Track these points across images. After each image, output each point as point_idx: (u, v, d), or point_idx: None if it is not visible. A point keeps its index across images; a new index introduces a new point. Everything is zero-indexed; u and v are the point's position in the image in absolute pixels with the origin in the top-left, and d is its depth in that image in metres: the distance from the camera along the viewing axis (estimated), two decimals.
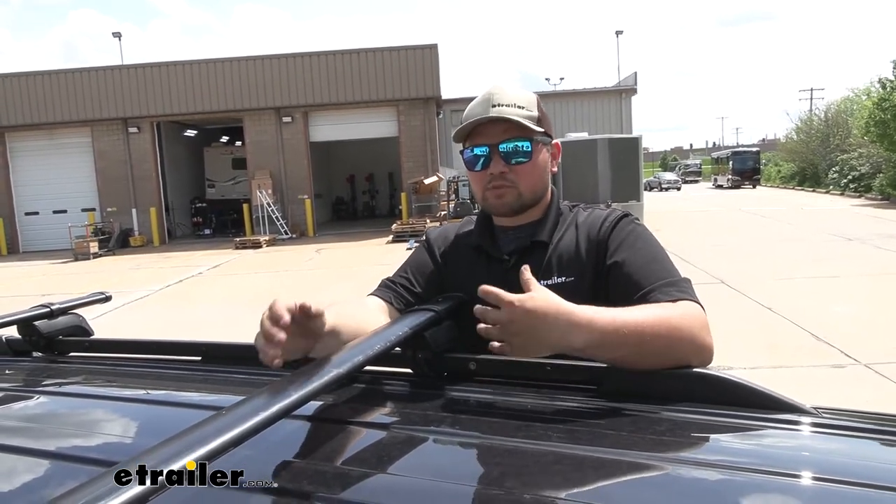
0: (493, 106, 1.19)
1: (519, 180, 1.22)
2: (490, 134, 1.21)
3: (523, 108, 1.20)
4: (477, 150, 1.22)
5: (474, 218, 1.37)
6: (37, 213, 19.92)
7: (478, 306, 0.93)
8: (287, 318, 0.86)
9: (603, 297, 1.15)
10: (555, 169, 1.30)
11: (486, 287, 0.92)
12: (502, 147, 1.20)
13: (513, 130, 1.20)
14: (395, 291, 1.26)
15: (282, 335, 0.85)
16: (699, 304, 1.05)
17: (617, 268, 1.14)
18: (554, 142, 1.30)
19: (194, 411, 0.96)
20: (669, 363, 0.93)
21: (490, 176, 1.22)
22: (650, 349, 0.93)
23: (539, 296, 0.92)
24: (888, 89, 21.53)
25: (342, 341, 1.01)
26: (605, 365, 0.94)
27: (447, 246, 1.33)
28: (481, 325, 0.92)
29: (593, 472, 0.72)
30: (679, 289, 1.07)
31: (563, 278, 1.19)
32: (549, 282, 1.19)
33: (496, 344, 0.92)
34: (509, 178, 1.21)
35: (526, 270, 0.95)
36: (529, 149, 1.21)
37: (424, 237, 1.40)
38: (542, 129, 1.23)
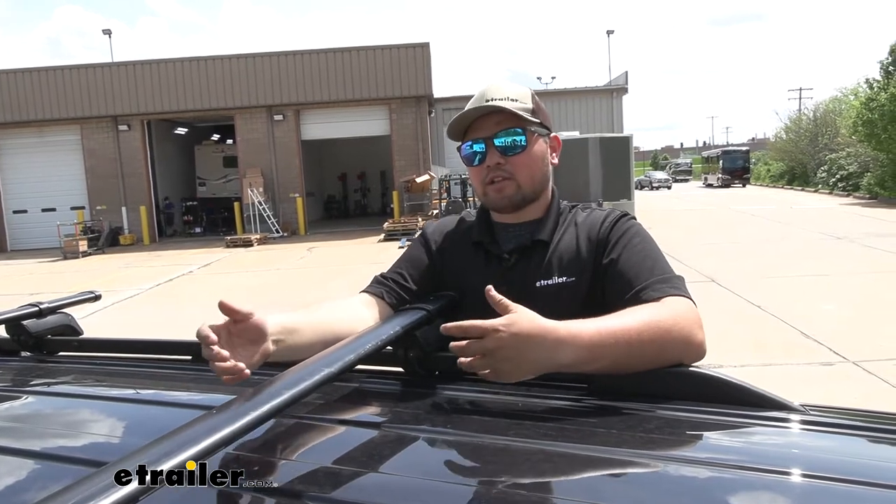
0: (488, 100, 1.20)
1: (516, 171, 1.22)
2: (484, 128, 1.21)
3: (517, 100, 1.21)
4: (473, 146, 1.23)
5: (473, 212, 1.36)
6: (25, 212, 19.75)
7: (453, 343, 0.89)
8: (213, 336, 0.85)
9: (599, 296, 1.16)
10: (555, 161, 1.30)
11: (455, 324, 0.89)
12: (497, 139, 1.20)
13: (506, 122, 1.20)
14: (387, 286, 1.26)
15: (221, 353, 0.85)
16: (691, 300, 1.06)
17: (613, 265, 1.15)
18: (553, 135, 1.30)
19: (185, 411, 0.95)
20: (661, 364, 0.94)
21: (487, 169, 1.22)
22: (639, 355, 0.93)
23: (523, 317, 0.89)
24: (875, 89, 21.70)
25: (306, 338, 1.00)
26: None
27: (445, 241, 1.33)
28: (463, 360, 0.88)
29: (584, 469, 0.72)
30: (671, 285, 1.07)
31: (564, 278, 1.19)
32: (550, 282, 1.19)
33: (484, 371, 0.88)
34: (506, 170, 1.21)
35: (493, 291, 0.91)
36: (524, 139, 1.21)
37: (421, 231, 1.39)
38: (537, 120, 1.23)
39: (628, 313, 0.99)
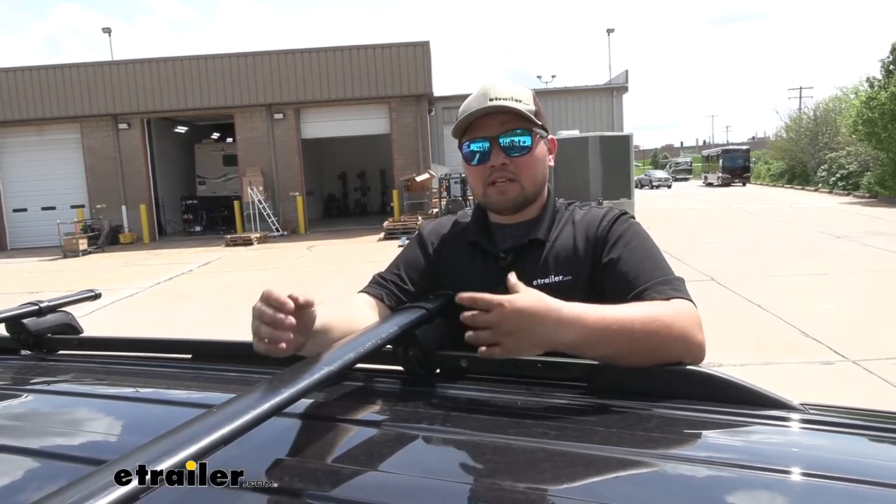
0: (491, 99, 1.18)
1: (520, 173, 1.21)
2: (489, 127, 1.20)
3: (521, 101, 1.20)
4: (475, 145, 1.21)
5: (469, 212, 1.36)
6: (25, 210, 19.74)
7: (465, 313, 0.92)
8: (291, 304, 0.87)
9: (598, 295, 1.15)
10: (552, 163, 1.30)
11: (468, 294, 0.91)
12: (502, 140, 1.19)
13: (512, 123, 1.19)
14: (387, 289, 1.25)
15: (291, 320, 0.87)
16: (692, 302, 1.06)
17: (612, 265, 1.15)
18: (550, 137, 1.29)
19: (185, 409, 0.95)
20: (660, 360, 0.94)
21: (490, 169, 1.21)
22: (640, 346, 0.94)
23: (527, 294, 0.92)
24: (876, 88, 21.69)
25: (332, 339, 1.00)
26: (595, 362, 0.95)
27: (441, 241, 1.32)
28: (470, 333, 0.91)
29: (584, 468, 0.72)
30: (673, 287, 1.08)
31: (560, 276, 1.19)
32: (546, 280, 1.19)
33: (485, 348, 0.91)
34: (510, 171, 1.20)
35: (513, 276, 0.95)
36: (529, 141, 1.20)
37: (418, 232, 1.39)
38: (539, 122, 1.22)
39: (633, 305, 1.01)
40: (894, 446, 0.80)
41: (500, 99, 1.18)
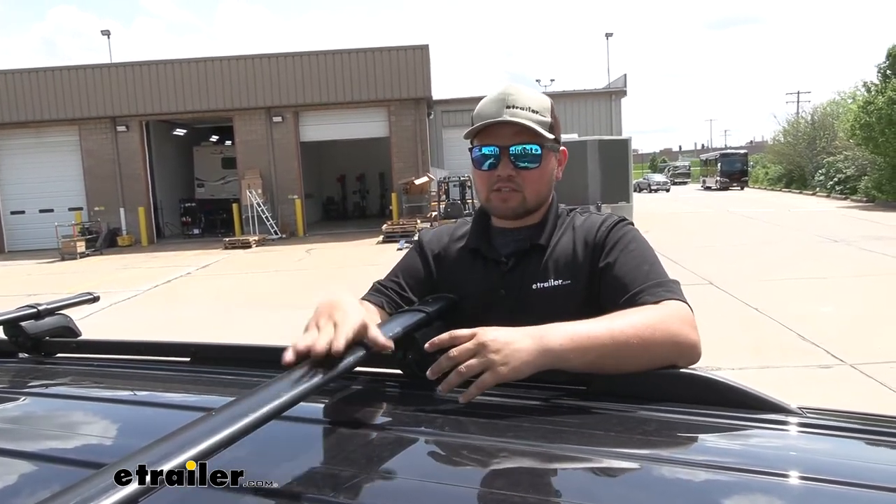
0: (508, 107, 1.18)
1: (525, 185, 1.22)
2: (501, 135, 1.20)
3: (537, 112, 1.20)
4: (486, 150, 1.22)
5: (469, 220, 1.37)
6: (23, 213, 19.71)
7: (442, 357, 0.90)
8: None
9: (595, 300, 1.16)
10: (559, 175, 1.31)
11: (448, 333, 0.92)
12: (512, 150, 1.19)
13: (524, 134, 1.19)
14: (387, 296, 1.26)
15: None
16: (686, 303, 1.07)
17: (608, 269, 1.16)
18: (562, 148, 1.30)
19: (184, 412, 0.95)
20: (652, 364, 0.94)
21: (496, 178, 1.21)
22: (631, 353, 0.94)
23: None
24: (873, 93, 21.74)
25: None
26: None
27: (441, 249, 1.33)
28: (451, 378, 0.89)
29: (582, 471, 0.72)
30: (666, 288, 1.08)
31: (560, 281, 1.20)
32: (546, 284, 1.20)
33: (485, 378, 0.88)
34: (516, 182, 1.21)
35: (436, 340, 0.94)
36: (539, 154, 1.21)
37: (417, 239, 1.39)
38: (553, 136, 1.23)
39: (620, 314, 1.01)
40: (892, 450, 0.81)
41: (516, 108, 1.18)
